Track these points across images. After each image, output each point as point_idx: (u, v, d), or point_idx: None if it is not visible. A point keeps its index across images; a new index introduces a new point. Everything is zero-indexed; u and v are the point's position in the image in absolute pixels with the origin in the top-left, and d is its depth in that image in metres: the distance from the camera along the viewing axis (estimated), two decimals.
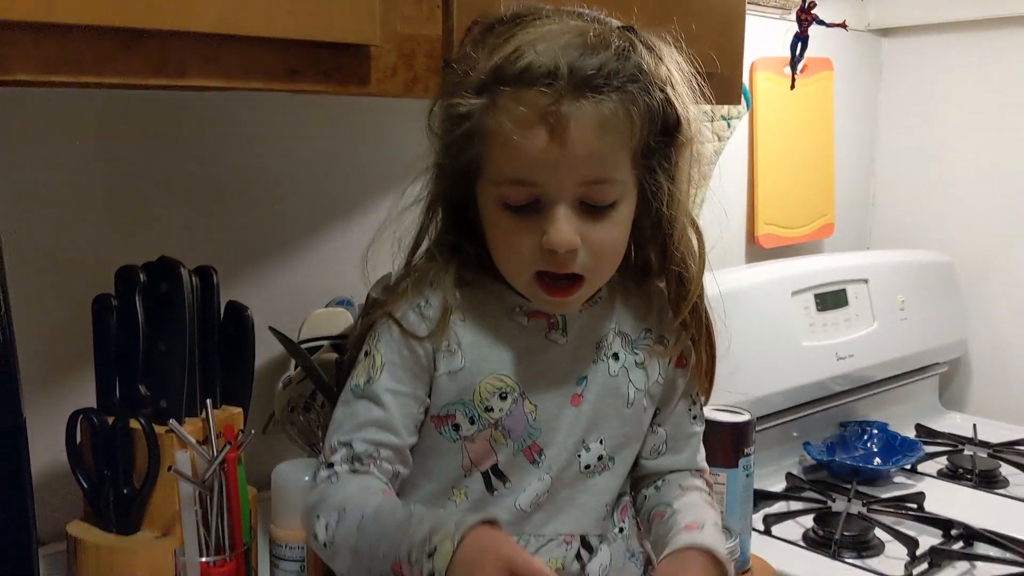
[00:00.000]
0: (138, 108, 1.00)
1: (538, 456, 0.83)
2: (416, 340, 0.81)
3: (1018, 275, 1.78)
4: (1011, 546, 1.20)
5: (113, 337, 0.87)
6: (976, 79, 1.80)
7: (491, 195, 0.78)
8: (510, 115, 0.74)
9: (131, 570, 0.84)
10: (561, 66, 0.72)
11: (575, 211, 0.77)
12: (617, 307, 0.88)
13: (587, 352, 0.86)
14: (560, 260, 0.77)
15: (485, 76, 0.75)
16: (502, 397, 0.82)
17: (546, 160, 0.74)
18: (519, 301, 0.84)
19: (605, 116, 0.74)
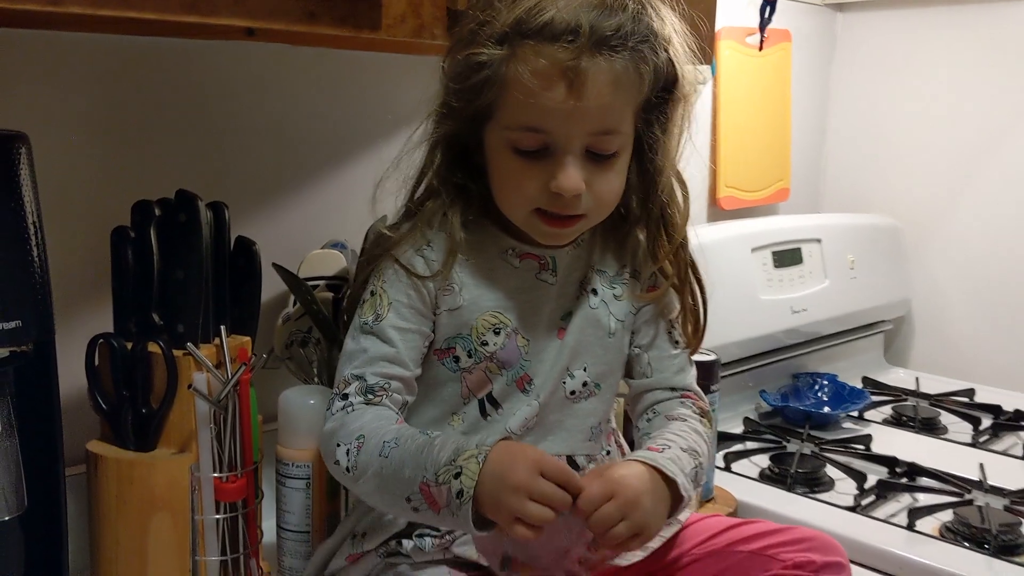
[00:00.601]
0: (155, 57, 1.04)
1: (528, 385, 0.90)
2: (420, 280, 0.87)
3: (959, 239, 1.88)
4: (949, 479, 1.31)
5: (130, 267, 0.91)
6: (923, 53, 1.88)
7: (501, 138, 0.83)
8: (531, 66, 0.79)
9: (149, 483, 0.89)
10: (583, 24, 0.77)
11: (582, 159, 0.82)
12: (597, 248, 0.95)
13: (571, 289, 0.93)
14: (565, 203, 0.83)
15: (507, 27, 0.79)
16: (496, 332, 0.89)
17: (561, 111, 0.79)
18: (512, 243, 0.91)
19: (618, 73, 0.80)
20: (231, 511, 0.91)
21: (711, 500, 1.23)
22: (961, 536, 1.15)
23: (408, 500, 0.79)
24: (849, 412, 1.58)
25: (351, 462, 0.82)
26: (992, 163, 1.82)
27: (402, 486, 0.79)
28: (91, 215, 0.98)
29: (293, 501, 0.96)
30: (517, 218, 0.88)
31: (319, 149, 1.19)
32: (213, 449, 0.90)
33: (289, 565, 0.97)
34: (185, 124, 1.08)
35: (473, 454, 0.77)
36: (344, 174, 1.21)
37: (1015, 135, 1.78)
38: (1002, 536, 1.13)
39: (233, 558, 0.93)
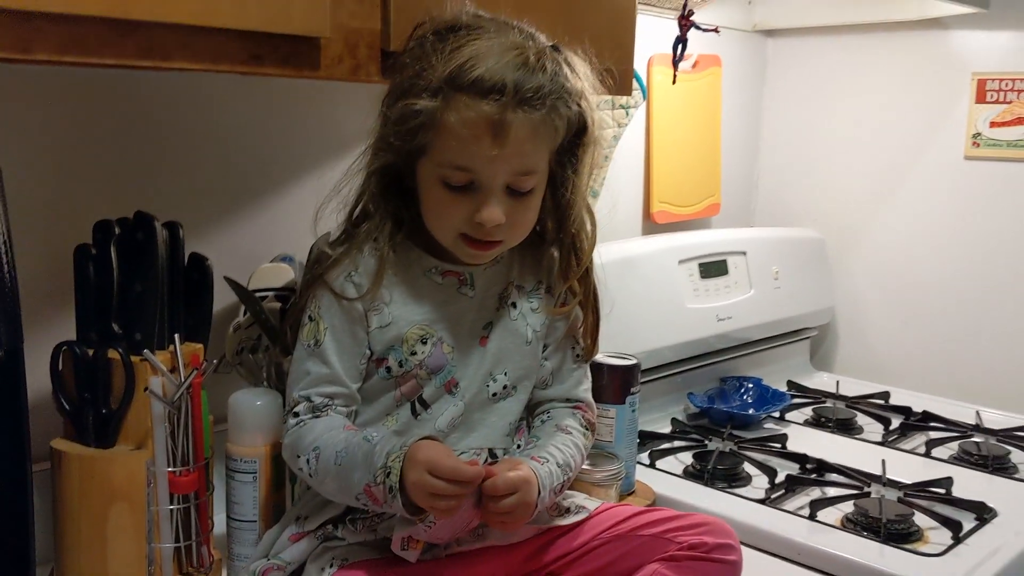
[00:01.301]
0: (114, 87, 1.12)
1: (455, 388, 1.02)
2: (351, 303, 0.98)
3: (878, 251, 1.99)
4: (854, 474, 1.41)
5: (92, 281, 0.99)
6: (848, 76, 2.00)
7: (433, 173, 0.95)
8: (461, 116, 0.91)
9: (109, 477, 0.97)
10: (508, 83, 0.89)
11: (502, 195, 0.95)
12: (515, 265, 1.07)
13: (491, 302, 1.04)
14: (486, 232, 0.95)
15: (442, 80, 0.91)
16: (424, 342, 1.00)
17: (487, 156, 0.92)
18: (435, 263, 1.02)
19: (536, 125, 0.93)
20: (184, 502, 1.01)
21: (632, 493, 1.33)
22: (859, 526, 1.25)
23: (358, 498, 0.92)
24: (770, 413, 1.69)
25: (312, 470, 0.95)
26: (908, 180, 1.94)
27: (354, 488, 0.91)
28: (56, 234, 1.05)
29: (242, 493, 1.05)
30: (445, 241, 0.99)
31: (267, 171, 1.28)
32: (167, 446, 0.99)
33: (238, 552, 1.06)
34: (143, 149, 1.16)
35: (398, 455, 0.89)
36: (290, 193, 1.30)
37: (929, 154, 1.91)
38: (894, 525, 1.24)
39: (186, 545, 1.02)
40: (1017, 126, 1.78)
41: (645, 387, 1.55)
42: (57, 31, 0.76)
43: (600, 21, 1.15)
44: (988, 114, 1.81)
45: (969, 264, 1.88)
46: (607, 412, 1.28)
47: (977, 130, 1.83)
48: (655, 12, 1.69)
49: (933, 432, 1.66)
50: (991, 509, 1.31)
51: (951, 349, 1.91)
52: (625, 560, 1.00)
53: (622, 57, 1.20)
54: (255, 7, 0.85)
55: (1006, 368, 1.84)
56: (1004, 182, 1.82)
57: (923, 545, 1.22)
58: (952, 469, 1.47)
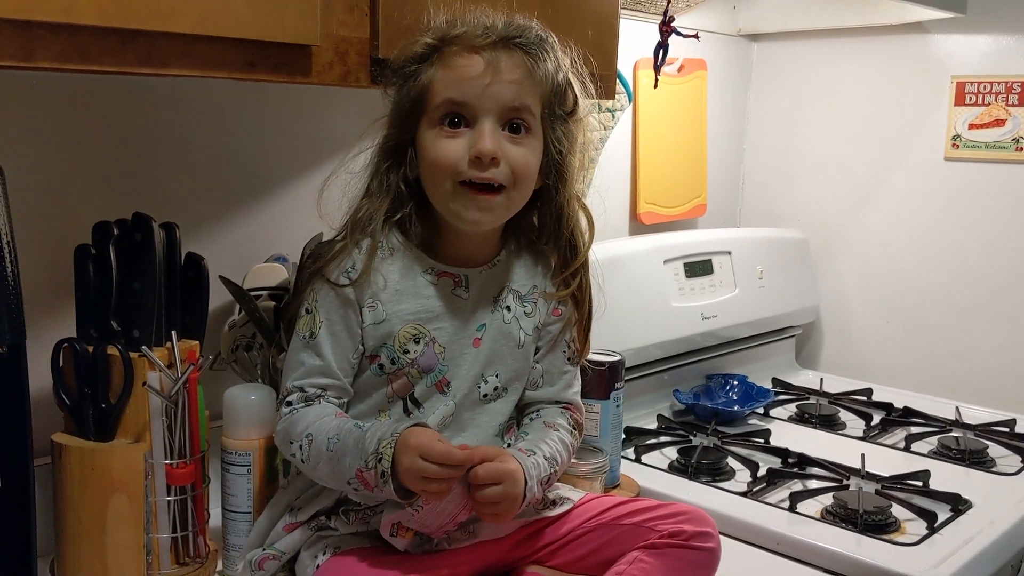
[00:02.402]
0: (113, 91, 1.15)
1: (446, 387, 1.04)
2: (345, 295, 1.00)
3: (861, 250, 2.03)
4: (833, 468, 1.45)
5: (91, 279, 1.03)
6: (831, 79, 2.04)
7: (429, 123, 0.98)
8: (454, 50, 0.96)
9: (108, 469, 1.01)
10: (496, 24, 0.97)
11: (498, 130, 0.97)
12: (513, 269, 1.08)
13: (485, 305, 1.06)
14: (484, 166, 0.96)
15: (432, 39, 0.97)
16: (416, 341, 1.02)
17: (480, 83, 0.95)
18: (431, 263, 1.03)
19: (526, 63, 0.97)
20: (181, 494, 1.04)
21: (617, 486, 1.37)
22: (838, 517, 1.29)
23: (349, 483, 0.95)
24: (754, 409, 1.73)
25: (304, 455, 0.98)
26: (890, 180, 1.98)
27: (345, 472, 0.95)
28: (57, 234, 1.09)
29: (236, 486, 1.08)
30: (444, 194, 0.99)
31: (261, 173, 1.31)
32: (165, 439, 1.02)
33: (233, 542, 1.09)
34: (141, 152, 1.19)
35: (389, 441, 0.92)
36: (284, 195, 1.33)
37: (910, 155, 1.95)
38: (871, 516, 1.27)
39: (183, 535, 1.05)
40: (995, 128, 1.82)
41: (632, 384, 1.59)
42: (58, 40, 0.79)
43: (584, 26, 1.18)
44: (967, 116, 1.85)
45: (949, 263, 1.92)
46: (592, 407, 1.31)
47: (956, 132, 1.87)
48: (642, 17, 1.73)
49: (913, 427, 1.69)
50: (966, 501, 1.35)
51: (932, 347, 1.95)
52: (607, 548, 1.03)
53: (605, 62, 1.23)
54: (250, 17, 0.89)
55: (985, 365, 1.88)
56: (983, 183, 1.86)
57: (899, 535, 1.25)
58: (930, 463, 1.50)
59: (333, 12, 0.97)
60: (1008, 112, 1.81)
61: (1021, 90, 1.79)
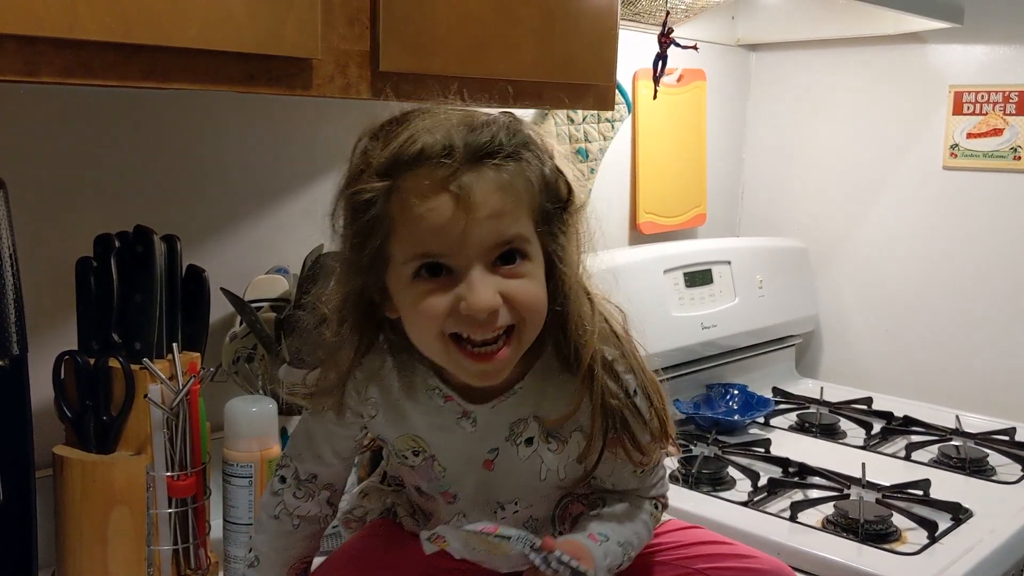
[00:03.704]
0: (114, 105, 1.16)
1: (453, 499, 0.92)
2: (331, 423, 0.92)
3: (861, 259, 2.03)
4: (834, 477, 1.45)
5: (93, 292, 1.03)
6: (830, 89, 2.04)
7: (403, 277, 0.79)
8: (413, 191, 0.76)
9: (109, 481, 1.01)
10: (456, 142, 0.76)
11: (489, 274, 0.78)
12: (536, 397, 0.88)
13: (500, 432, 0.88)
14: (482, 324, 0.77)
15: (384, 163, 0.77)
16: (415, 454, 0.90)
17: (454, 228, 0.76)
18: (438, 384, 0.88)
19: (504, 179, 0.77)
20: (182, 506, 1.04)
21: None
22: (839, 526, 1.29)
23: None
24: (755, 419, 1.73)
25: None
26: (889, 190, 1.98)
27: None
28: (58, 247, 1.09)
29: (238, 497, 1.08)
30: (436, 354, 0.83)
31: (262, 186, 1.31)
32: (166, 451, 1.03)
33: (234, 554, 1.09)
34: (143, 166, 1.19)
35: None
36: (284, 207, 1.34)
37: (908, 164, 1.95)
38: (872, 526, 1.27)
39: (184, 547, 1.06)
40: (993, 137, 1.83)
41: None
42: (62, 55, 0.80)
43: (582, 39, 1.19)
44: (965, 125, 1.86)
45: (949, 272, 1.92)
46: None
47: (954, 141, 1.87)
48: (641, 28, 1.73)
49: (913, 436, 1.69)
50: (967, 510, 1.35)
51: (932, 355, 1.95)
52: None
53: (605, 73, 1.24)
54: (251, 31, 0.90)
55: (985, 373, 1.88)
56: (981, 192, 1.86)
57: (900, 545, 1.25)
58: (931, 472, 1.50)
59: (334, 25, 0.97)
60: (1006, 121, 1.81)
61: (1019, 99, 1.80)
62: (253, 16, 0.89)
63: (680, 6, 1.61)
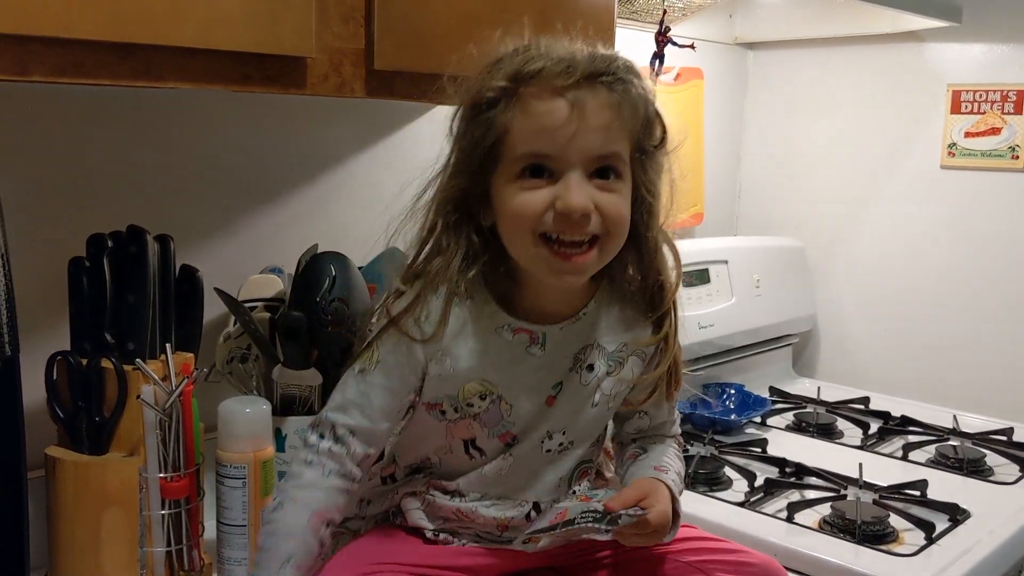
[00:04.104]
0: (107, 103, 1.15)
1: (511, 440, 0.98)
2: (414, 344, 0.92)
3: (858, 258, 2.03)
4: (831, 477, 1.44)
5: (86, 292, 1.02)
6: (827, 88, 2.04)
7: (508, 174, 0.88)
8: (534, 95, 0.86)
9: (102, 483, 1.00)
10: (578, 60, 0.86)
11: (586, 182, 0.87)
12: (600, 322, 0.98)
13: (564, 362, 0.97)
14: (573, 224, 0.86)
15: (509, 76, 0.87)
16: (482, 398, 0.95)
17: (564, 132, 0.85)
18: (507, 320, 0.94)
19: (614, 100, 0.87)
20: (176, 507, 1.04)
21: None
22: (836, 527, 1.29)
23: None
24: (751, 419, 1.73)
25: (271, 505, 0.92)
26: (887, 189, 1.98)
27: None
28: (51, 247, 1.08)
29: (231, 499, 1.07)
30: (525, 251, 0.90)
31: (256, 185, 1.30)
32: (159, 452, 1.02)
33: (228, 556, 1.08)
34: (135, 165, 1.18)
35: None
36: (279, 207, 1.33)
37: (906, 163, 1.95)
38: (869, 526, 1.27)
39: (177, 549, 1.05)
40: (991, 136, 1.82)
41: None
42: (54, 54, 0.79)
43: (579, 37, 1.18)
44: (963, 124, 1.86)
45: (946, 271, 1.91)
46: None
47: (952, 140, 1.87)
48: (638, 26, 1.73)
49: (911, 436, 1.69)
50: (964, 510, 1.35)
51: (930, 355, 1.95)
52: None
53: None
54: (245, 30, 0.89)
55: (983, 373, 1.88)
56: (979, 191, 1.86)
57: (897, 546, 1.25)
58: (928, 472, 1.50)
59: (328, 24, 0.97)
60: (1004, 120, 1.81)
61: (1017, 98, 1.79)
62: (248, 15, 0.89)
63: (677, 4, 1.60)
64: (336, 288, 1.13)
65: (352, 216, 1.39)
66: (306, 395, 1.17)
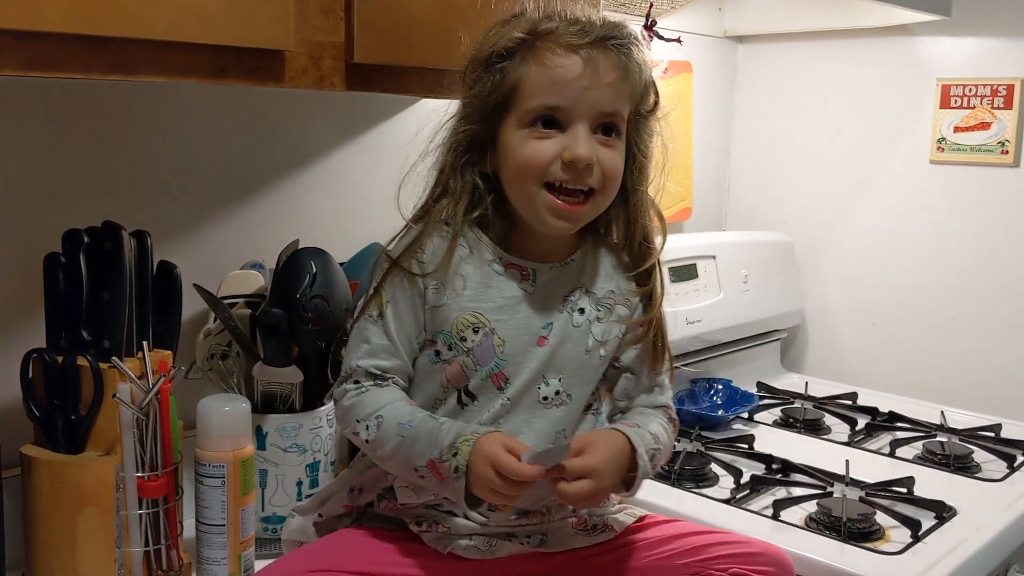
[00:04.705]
0: (82, 96, 1.13)
1: (504, 383, 1.01)
2: (414, 278, 0.99)
3: (847, 253, 2.02)
4: (817, 474, 1.43)
5: (61, 289, 1.01)
6: (817, 81, 2.03)
7: (518, 122, 0.96)
8: (550, 48, 0.93)
9: (78, 482, 0.99)
10: (593, 22, 0.94)
11: (591, 134, 0.95)
12: (588, 270, 1.05)
13: (554, 302, 1.03)
14: (578, 173, 0.95)
15: (524, 31, 0.94)
16: (475, 331, 0.99)
17: (577, 85, 0.93)
18: (500, 253, 1.01)
19: (623, 62, 0.95)
20: (153, 507, 1.02)
21: None
22: (822, 525, 1.28)
23: (416, 470, 0.95)
24: (739, 414, 1.72)
25: (370, 436, 0.97)
26: (876, 183, 1.97)
27: (414, 459, 0.94)
28: (26, 243, 1.07)
29: (210, 498, 1.06)
30: (528, 199, 0.97)
31: (236, 179, 1.29)
32: (136, 451, 1.01)
33: (207, 555, 1.07)
34: (111, 159, 1.17)
35: (467, 439, 0.92)
36: (259, 200, 1.31)
37: (896, 158, 1.94)
38: (855, 524, 1.26)
39: (155, 549, 1.04)
40: (980, 131, 1.81)
41: None
42: (24, 47, 0.78)
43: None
44: (952, 119, 1.85)
45: (935, 266, 1.91)
46: None
47: (942, 135, 1.86)
48: (625, 18, 1.71)
49: (899, 432, 1.68)
50: (951, 508, 1.34)
51: (918, 350, 1.94)
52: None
53: None
54: (221, 23, 0.88)
55: (971, 368, 1.87)
56: (968, 186, 1.85)
57: (883, 544, 1.24)
58: (915, 469, 1.49)
59: (307, 17, 0.95)
60: (993, 115, 1.80)
61: (1007, 93, 1.78)
62: (224, 7, 0.88)
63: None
64: (316, 285, 1.12)
65: (334, 211, 1.37)
66: (287, 392, 1.16)
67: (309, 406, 1.17)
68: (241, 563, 1.07)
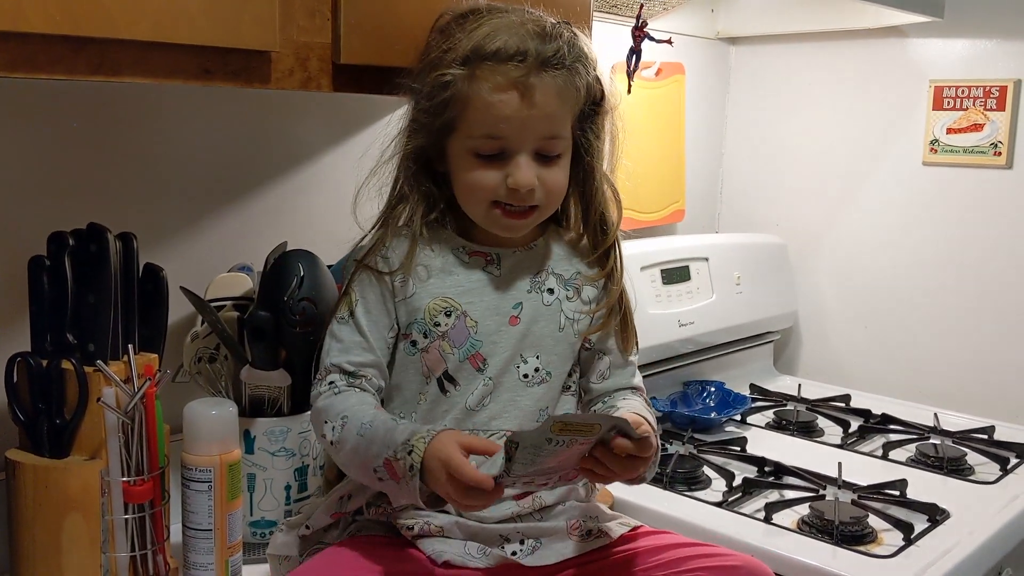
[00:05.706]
0: (67, 97, 1.12)
1: (482, 364, 1.04)
2: (381, 275, 1.03)
3: (840, 255, 2.02)
4: (810, 477, 1.43)
5: (46, 292, 1.00)
6: (810, 83, 2.03)
7: (464, 146, 1.00)
8: (489, 83, 0.96)
9: (63, 487, 0.98)
10: (530, 48, 0.96)
11: (533, 159, 0.99)
12: (553, 252, 1.10)
13: (521, 284, 1.07)
14: (521, 197, 1.00)
15: (467, 52, 0.96)
16: (447, 314, 1.03)
17: (515, 118, 0.97)
18: (464, 243, 1.06)
19: (561, 87, 0.98)
20: (139, 511, 1.02)
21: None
22: (814, 528, 1.28)
23: (375, 471, 0.94)
24: (731, 416, 1.72)
25: (335, 436, 0.98)
26: (869, 185, 1.97)
27: (371, 460, 0.94)
28: (10, 246, 1.06)
29: (197, 502, 1.05)
30: (478, 213, 1.03)
31: (223, 181, 1.28)
32: (121, 456, 1.00)
33: (194, 561, 1.06)
34: (97, 161, 1.16)
35: (423, 436, 0.91)
36: (247, 203, 1.30)
37: (888, 160, 1.94)
38: (847, 527, 1.26)
39: (141, 554, 1.03)
40: (973, 132, 1.81)
41: None
42: (6, 48, 0.77)
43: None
44: (945, 121, 1.84)
45: (928, 268, 1.91)
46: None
47: (935, 136, 1.86)
48: (617, 20, 1.71)
49: (892, 434, 1.68)
50: (943, 511, 1.34)
51: (911, 352, 1.94)
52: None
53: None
54: (206, 24, 0.87)
55: (964, 371, 1.87)
56: (961, 188, 1.85)
57: (876, 547, 1.24)
58: (908, 471, 1.49)
59: (293, 18, 0.95)
60: (986, 116, 1.80)
61: (999, 94, 1.78)
62: (209, 8, 0.87)
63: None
64: (304, 287, 1.11)
65: (322, 213, 1.37)
66: (275, 396, 1.15)
67: (297, 410, 1.16)
68: (228, 568, 1.06)
